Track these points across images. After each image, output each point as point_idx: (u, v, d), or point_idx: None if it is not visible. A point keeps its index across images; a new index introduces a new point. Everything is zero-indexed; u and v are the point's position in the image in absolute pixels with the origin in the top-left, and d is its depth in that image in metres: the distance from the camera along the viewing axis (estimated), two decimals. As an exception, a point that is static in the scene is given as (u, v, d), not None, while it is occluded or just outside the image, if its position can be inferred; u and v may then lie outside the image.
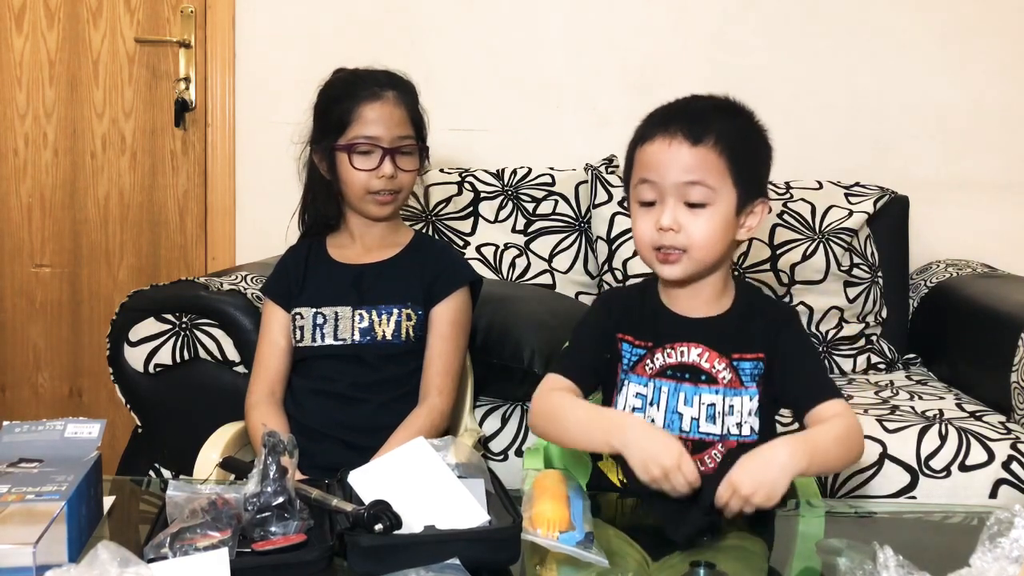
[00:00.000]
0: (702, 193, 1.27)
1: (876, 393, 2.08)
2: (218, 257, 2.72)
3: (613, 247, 2.29)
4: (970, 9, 2.61)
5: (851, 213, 2.34)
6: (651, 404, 1.33)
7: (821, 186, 2.42)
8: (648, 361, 1.34)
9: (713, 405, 1.31)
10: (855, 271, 2.32)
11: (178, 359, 1.84)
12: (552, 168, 2.47)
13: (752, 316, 1.35)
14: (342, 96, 1.64)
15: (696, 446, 1.31)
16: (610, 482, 1.37)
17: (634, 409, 1.34)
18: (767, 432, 1.34)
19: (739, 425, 1.31)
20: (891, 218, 2.44)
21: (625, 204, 1.43)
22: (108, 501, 1.23)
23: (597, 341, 1.39)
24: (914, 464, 1.76)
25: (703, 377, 1.32)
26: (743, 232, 1.33)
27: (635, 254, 2.19)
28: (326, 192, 1.70)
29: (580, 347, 1.42)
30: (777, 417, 1.41)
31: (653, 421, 1.32)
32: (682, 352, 1.33)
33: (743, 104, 1.36)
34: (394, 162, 1.62)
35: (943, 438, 1.78)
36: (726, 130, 1.28)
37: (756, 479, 1.13)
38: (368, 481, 1.15)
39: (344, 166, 1.63)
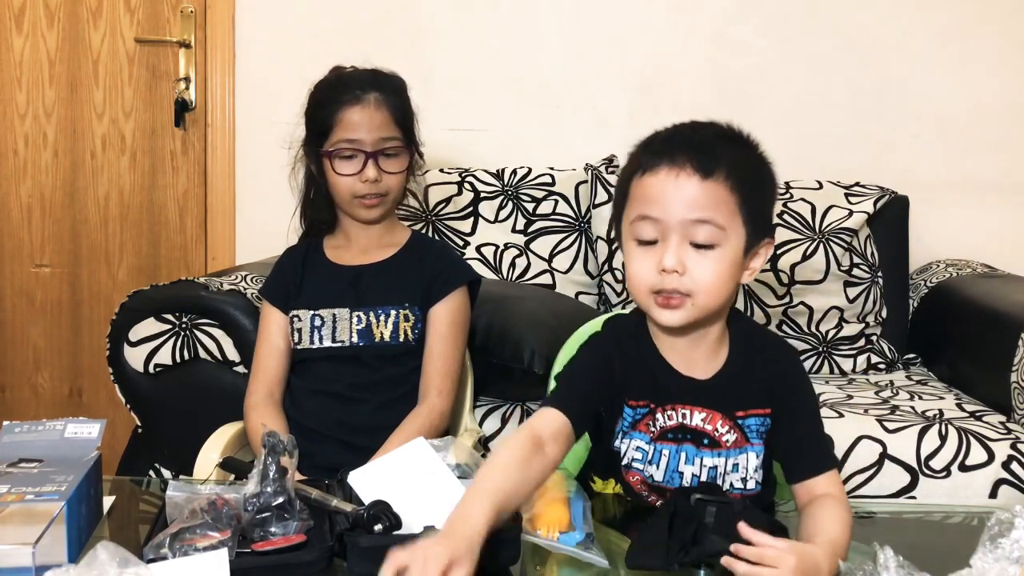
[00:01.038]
0: (710, 233, 1.13)
1: (876, 393, 2.08)
2: (218, 257, 2.72)
3: (613, 247, 2.29)
4: (970, 9, 2.61)
5: (851, 213, 2.34)
6: (650, 463, 1.25)
7: (821, 186, 2.42)
8: (649, 422, 1.24)
9: (715, 467, 1.23)
10: (855, 271, 2.32)
11: (178, 359, 1.84)
12: (552, 168, 2.47)
13: (753, 367, 1.24)
14: (325, 100, 1.64)
15: None
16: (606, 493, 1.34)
17: (633, 460, 1.25)
18: (768, 482, 1.27)
19: (744, 480, 1.23)
20: (891, 218, 2.44)
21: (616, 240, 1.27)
22: (108, 501, 1.23)
23: (596, 388, 1.24)
24: (914, 464, 1.76)
25: (705, 441, 1.22)
26: (747, 275, 1.20)
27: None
28: (321, 194, 1.70)
29: (578, 382, 1.24)
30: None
31: (652, 477, 1.25)
32: (684, 415, 1.22)
33: (747, 133, 1.23)
34: (378, 165, 1.61)
35: (943, 438, 1.78)
36: (736, 162, 1.15)
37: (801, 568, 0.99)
38: (368, 481, 1.15)
39: (329, 171, 1.63)
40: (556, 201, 2.40)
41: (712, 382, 1.23)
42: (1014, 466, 1.74)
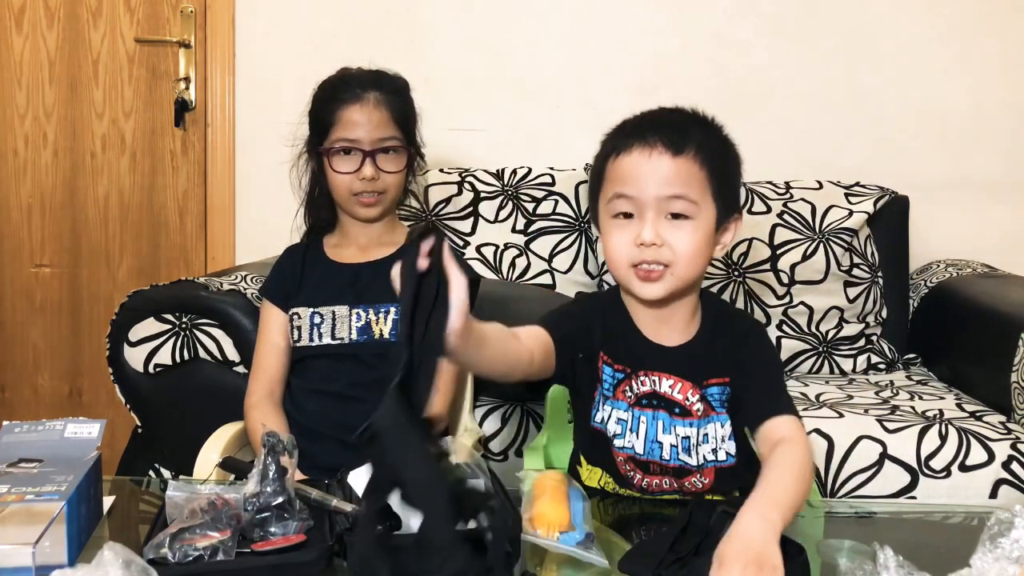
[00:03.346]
0: (684, 206, 1.20)
1: (876, 393, 2.08)
2: (218, 257, 2.72)
3: (613, 247, 2.29)
4: (970, 9, 2.61)
5: (851, 213, 2.34)
6: (631, 431, 1.29)
7: (821, 186, 2.42)
8: (627, 387, 1.29)
9: (688, 438, 1.27)
10: (855, 271, 2.32)
11: (178, 359, 1.84)
12: (552, 168, 2.47)
13: (718, 337, 1.29)
14: (326, 99, 1.65)
15: (677, 472, 1.29)
16: (591, 489, 1.33)
17: (615, 435, 1.29)
18: (743, 453, 1.29)
19: (715, 451, 1.27)
20: (891, 218, 2.44)
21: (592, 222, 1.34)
22: (108, 501, 1.23)
23: (577, 329, 1.28)
24: (914, 464, 1.76)
25: (676, 409, 1.27)
26: (718, 250, 1.27)
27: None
28: (323, 192, 1.70)
29: (560, 316, 1.30)
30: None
31: (633, 448, 1.28)
32: (655, 382, 1.27)
33: (712, 117, 1.29)
34: (375, 163, 1.62)
35: (943, 438, 1.78)
36: (705, 141, 1.23)
37: (744, 558, 0.96)
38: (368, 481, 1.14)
39: (328, 168, 1.64)
40: (556, 201, 2.40)
41: (680, 350, 1.28)
42: (1014, 466, 1.74)
